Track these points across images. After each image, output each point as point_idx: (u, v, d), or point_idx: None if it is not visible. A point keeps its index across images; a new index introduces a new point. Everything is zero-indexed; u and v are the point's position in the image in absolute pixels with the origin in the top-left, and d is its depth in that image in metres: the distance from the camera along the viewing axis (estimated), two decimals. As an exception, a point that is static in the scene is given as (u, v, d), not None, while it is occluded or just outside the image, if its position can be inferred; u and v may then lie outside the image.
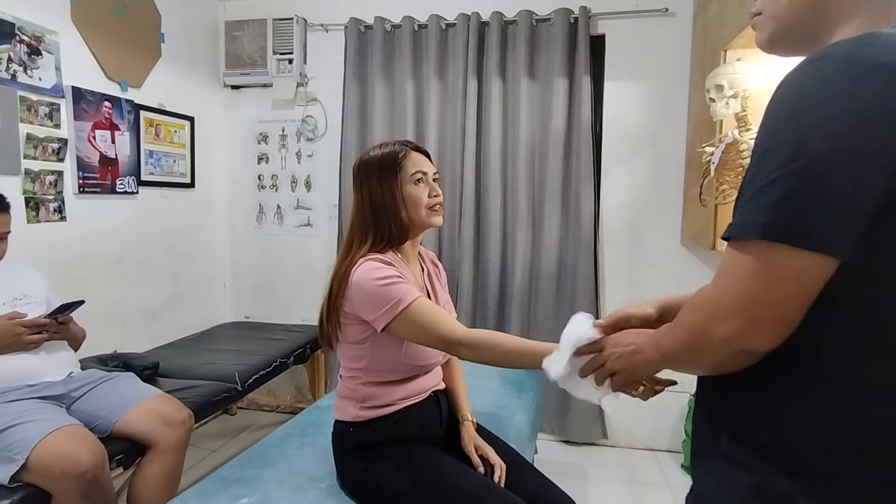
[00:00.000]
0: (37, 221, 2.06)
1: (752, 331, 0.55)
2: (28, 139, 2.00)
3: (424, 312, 1.14)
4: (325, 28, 2.96)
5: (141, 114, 2.52)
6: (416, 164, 1.25)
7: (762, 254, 0.53)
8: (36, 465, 1.36)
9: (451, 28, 2.73)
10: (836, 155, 0.50)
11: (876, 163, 0.50)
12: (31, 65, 2.00)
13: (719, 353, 0.58)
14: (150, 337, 2.60)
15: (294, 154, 3.09)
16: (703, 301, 0.59)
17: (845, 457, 0.55)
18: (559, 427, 2.68)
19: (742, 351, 0.57)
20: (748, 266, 0.54)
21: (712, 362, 0.61)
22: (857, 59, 0.51)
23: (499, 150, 2.71)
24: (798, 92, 0.54)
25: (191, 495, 1.24)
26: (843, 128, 0.50)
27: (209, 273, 3.09)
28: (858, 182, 0.50)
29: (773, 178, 0.52)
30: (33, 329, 1.60)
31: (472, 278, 2.77)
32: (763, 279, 0.53)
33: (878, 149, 0.50)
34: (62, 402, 1.61)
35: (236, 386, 2.11)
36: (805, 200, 0.51)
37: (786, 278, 0.52)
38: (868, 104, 0.50)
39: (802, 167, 0.51)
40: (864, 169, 0.50)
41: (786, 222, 0.52)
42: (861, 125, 0.50)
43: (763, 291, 0.53)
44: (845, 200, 0.51)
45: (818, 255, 0.51)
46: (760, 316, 0.54)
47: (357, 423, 1.25)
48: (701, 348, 0.60)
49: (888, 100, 0.49)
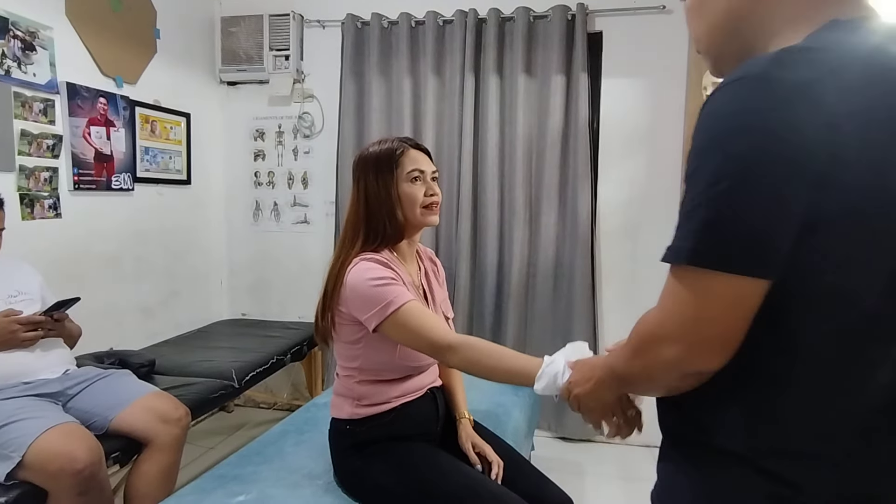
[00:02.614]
0: (32, 218, 2.05)
1: (697, 353, 0.56)
2: (22, 135, 1.99)
3: (415, 316, 1.13)
4: (322, 24, 2.95)
5: (136, 110, 2.51)
6: (414, 161, 1.24)
7: (695, 279, 0.54)
8: (32, 462, 1.35)
9: (449, 25, 2.73)
10: (759, 176, 0.50)
11: (795, 182, 0.50)
12: (25, 60, 1.99)
13: (669, 376, 0.60)
14: (146, 334, 2.59)
15: (291, 151, 3.09)
16: (649, 326, 0.60)
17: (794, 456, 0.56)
18: (556, 424, 2.69)
19: (690, 373, 0.58)
20: (684, 290, 0.55)
21: (666, 384, 0.62)
22: (770, 80, 0.51)
23: (496, 147, 2.70)
24: (716, 115, 0.54)
25: (188, 493, 1.24)
26: (761, 149, 0.50)
27: (205, 270, 3.08)
28: (779, 202, 0.50)
29: (697, 203, 0.53)
30: (29, 326, 1.59)
31: (469, 276, 2.77)
32: (700, 303, 0.54)
33: (795, 168, 0.50)
34: (58, 399, 1.61)
35: (233, 383, 2.11)
36: (727, 225, 0.52)
37: (720, 301, 0.53)
38: (783, 124, 0.50)
39: (723, 191, 0.51)
40: (783, 189, 0.50)
41: (710, 248, 0.52)
42: (777, 146, 0.50)
43: (702, 315, 0.54)
44: (767, 222, 0.51)
45: (748, 278, 0.52)
46: (703, 338, 0.55)
47: (353, 421, 1.25)
48: (652, 371, 0.61)
49: (801, 119, 0.49)
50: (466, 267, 2.76)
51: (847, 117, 0.49)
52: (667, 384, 0.62)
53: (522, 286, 2.71)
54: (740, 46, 0.62)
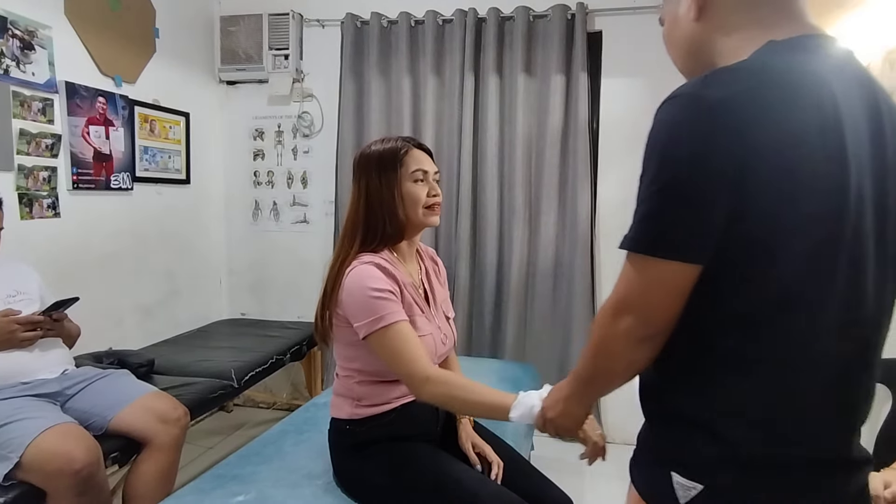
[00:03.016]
0: (30, 218, 2.04)
1: (644, 322, 0.67)
2: (21, 135, 1.98)
3: (401, 339, 1.12)
4: (322, 23, 2.95)
5: (135, 109, 2.51)
6: (418, 161, 1.23)
7: (639, 262, 0.65)
8: (30, 462, 1.35)
9: (448, 24, 2.72)
10: (684, 179, 0.61)
11: (717, 184, 0.59)
12: (23, 60, 1.99)
13: (625, 346, 0.69)
14: (145, 334, 2.59)
15: (290, 150, 3.08)
16: (607, 303, 0.70)
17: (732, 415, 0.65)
18: (555, 424, 2.69)
19: (641, 339, 0.68)
20: (632, 271, 0.67)
21: (623, 357, 0.71)
22: (695, 99, 0.61)
23: (496, 146, 2.70)
24: (657, 127, 0.64)
25: (187, 493, 1.24)
26: (687, 156, 0.60)
27: (205, 270, 3.08)
28: (705, 200, 0.60)
29: (642, 199, 0.65)
30: (27, 326, 1.58)
31: (468, 275, 2.77)
32: (642, 281, 0.66)
33: (717, 172, 0.59)
34: (57, 399, 1.60)
35: (232, 383, 2.11)
36: (660, 219, 0.63)
37: (658, 281, 0.64)
38: (706, 136, 0.59)
39: (659, 190, 0.62)
40: (708, 189, 0.60)
41: (650, 238, 0.64)
42: (701, 154, 0.59)
43: (645, 290, 0.66)
44: (695, 217, 0.61)
45: (678, 262, 0.62)
46: (648, 310, 0.66)
47: (353, 421, 1.24)
48: (610, 346, 0.71)
49: (720, 131, 0.58)
50: (466, 266, 2.75)
51: (760, 128, 0.58)
52: (624, 356, 0.70)
53: (522, 286, 2.70)
54: (704, 67, 0.70)
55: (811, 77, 0.61)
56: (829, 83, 0.61)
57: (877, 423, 1.56)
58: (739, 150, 0.58)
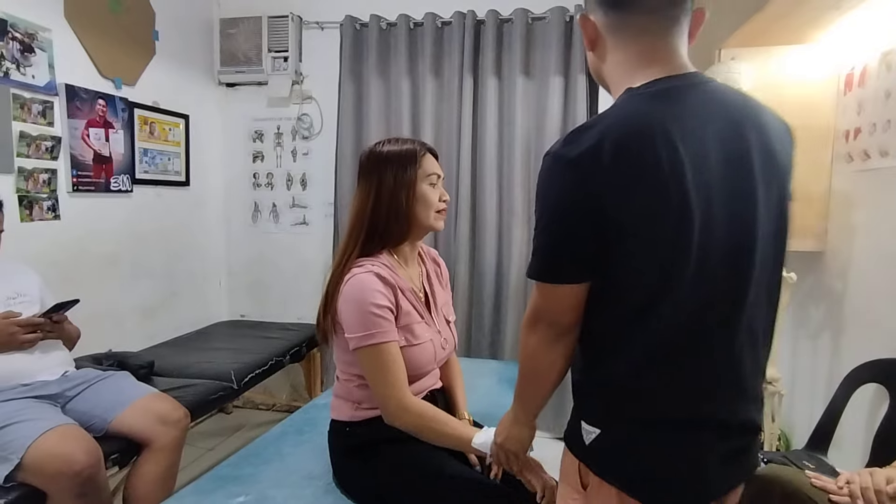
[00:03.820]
0: (30, 220, 2.04)
1: (554, 327, 0.83)
2: (21, 137, 1.99)
3: (388, 360, 1.14)
4: (321, 26, 2.95)
5: (135, 112, 2.51)
6: (433, 165, 1.26)
7: (541, 286, 0.81)
8: (31, 464, 1.35)
9: (447, 26, 2.73)
10: (558, 220, 0.77)
11: (583, 221, 0.74)
12: (23, 62, 1.99)
13: (544, 347, 0.85)
14: (145, 336, 2.59)
15: (289, 152, 3.09)
16: (524, 319, 0.87)
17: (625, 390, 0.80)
18: (554, 425, 2.69)
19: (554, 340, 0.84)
20: (538, 292, 0.83)
21: (545, 358, 0.86)
22: (558, 157, 0.76)
23: (495, 148, 2.71)
24: (539, 179, 0.80)
25: (187, 494, 1.24)
26: (555, 202, 0.77)
27: (204, 272, 3.08)
28: (577, 235, 0.75)
29: (534, 236, 0.80)
30: (28, 328, 1.59)
31: (468, 276, 2.77)
32: (547, 300, 0.82)
33: (580, 212, 0.74)
34: (57, 401, 1.60)
35: (232, 384, 2.11)
36: (549, 252, 0.79)
37: (557, 298, 0.80)
38: (565, 185, 0.75)
39: (544, 229, 0.79)
40: (577, 226, 0.75)
41: (544, 268, 0.80)
42: (564, 199, 0.76)
43: (550, 307, 0.82)
44: (572, 249, 0.76)
45: (567, 285, 0.79)
46: (554, 317, 0.82)
47: (353, 423, 1.25)
48: (532, 350, 0.86)
49: (574, 180, 0.74)
50: (465, 268, 2.76)
51: (607, 174, 0.72)
52: (546, 356, 0.86)
53: (521, 286, 2.71)
54: (608, 82, 0.87)
55: (657, 122, 0.73)
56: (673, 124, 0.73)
57: (874, 423, 1.56)
58: (595, 193, 0.73)
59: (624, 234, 0.74)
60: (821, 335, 2.11)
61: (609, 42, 0.83)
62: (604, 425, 0.81)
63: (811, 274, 2.19)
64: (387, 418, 1.17)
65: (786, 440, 2.25)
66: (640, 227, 0.73)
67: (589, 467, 0.83)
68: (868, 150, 1.80)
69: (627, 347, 0.78)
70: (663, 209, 0.72)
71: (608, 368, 0.81)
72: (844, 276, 1.96)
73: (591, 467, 0.83)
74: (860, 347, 1.83)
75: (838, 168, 2.03)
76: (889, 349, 1.63)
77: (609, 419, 0.81)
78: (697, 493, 0.80)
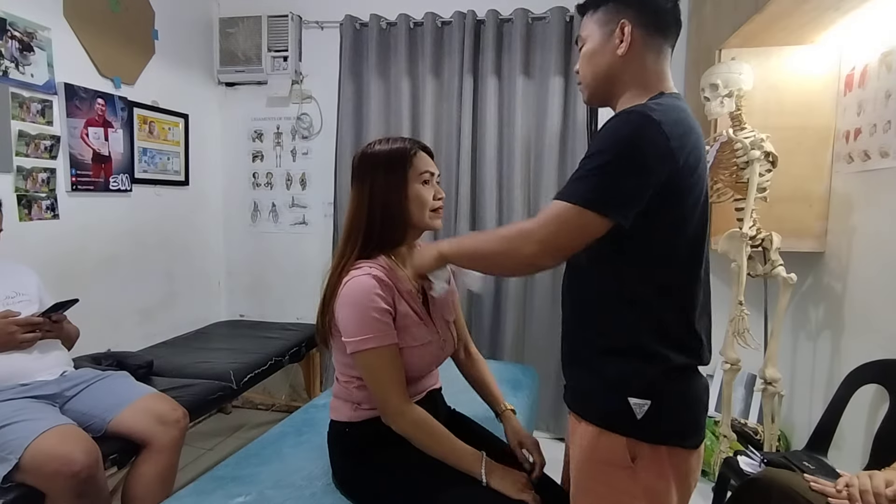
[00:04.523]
0: (29, 219, 2.04)
1: (543, 255, 0.91)
2: (20, 136, 1.98)
3: (387, 363, 1.14)
4: (321, 25, 2.95)
5: (134, 111, 2.51)
6: (426, 163, 1.23)
7: (573, 212, 0.86)
8: (29, 464, 1.35)
9: (447, 26, 2.73)
10: (628, 158, 0.85)
11: (650, 173, 0.85)
12: (22, 61, 1.99)
13: (520, 264, 0.96)
14: (143, 335, 2.59)
15: (289, 152, 3.09)
16: (526, 225, 0.92)
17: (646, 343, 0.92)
18: (554, 425, 2.69)
19: (537, 266, 0.95)
20: (561, 217, 0.88)
21: (511, 269, 1.05)
22: (642, 115, 0.86)
23: (494, 148, 2.71)
24: (614, 128, 0.88)
25: (186, 494, 1.24)
26: (630, 146, 0.85)
27: (203, 271, 3.08)
28: (642, 181, 0.85)
29: (593, 172, 0.87)
30: (26, 328, 1.58)
31: (467, 276, 2.77)
32: (564, 227, 0.88)
33: (653, 163, 0.85)
34: (55, 401, 1.60)
35: (231, 384, 2.11)
36: (605, 183, 0.86)
37: (582, 226, 0.87)
38: (645, 139, 0.85)
39: (605, 164, 0.86)
40: (642, 174, 0.85)
41: (592, 196, 0.86)
42: (640, 150, 0.85)
43: (560, 233, 0.89)
44: (632, 189, 0.85)
45: (604, 217, 0.85)
46: (553, 247, 0.90)
47: (353, 424, 1.24)
48: (509, 258, 0.95)
49: (658, 136, 0.85)
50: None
51: (676, 139, 0.86)
52: (511, 269, 1.04)
53: (521, 286, 2.71)
54: (605, 92, 1.01)
55: (688, 113, 0.93)
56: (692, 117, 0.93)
57: (874, 423, 1.56)
58: (668, 150, 0.85)
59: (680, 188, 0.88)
60: (821, 336, 2.11)
61: (641, 52, 0.96)
62: (653, 394, 0.90)
63: (811, 274, 2.19)
64: (387, 422, 1.18)
65: (785, 441, 2.25)
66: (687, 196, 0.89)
67: (642, 440, 0.91)
68: (868, 151, 1.80)
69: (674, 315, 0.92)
70: (702, 174, 0.92)
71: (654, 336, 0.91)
72: (844, 276, 1.96)
73: (646, 438, 0.91)
74: (860, 348, 1.83)
75: (838, 169, 2.03)
76: (889, 350, 1.63)
77: (657, 387, 0.90)
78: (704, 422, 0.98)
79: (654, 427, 0.90)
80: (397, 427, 1.16)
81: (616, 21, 0.96)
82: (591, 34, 1.00)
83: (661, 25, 0.97)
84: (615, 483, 0.93)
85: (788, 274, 1.91)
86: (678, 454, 0.92)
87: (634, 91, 0.96)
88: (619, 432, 0.91)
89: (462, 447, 1.16)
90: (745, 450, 1.66)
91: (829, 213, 2.07)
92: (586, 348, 0.98)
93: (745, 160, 1.87)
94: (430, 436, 1.16)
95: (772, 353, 1.93)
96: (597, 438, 0.94)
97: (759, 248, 1.96)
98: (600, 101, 1.03)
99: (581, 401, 0.99)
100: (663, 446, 0.91)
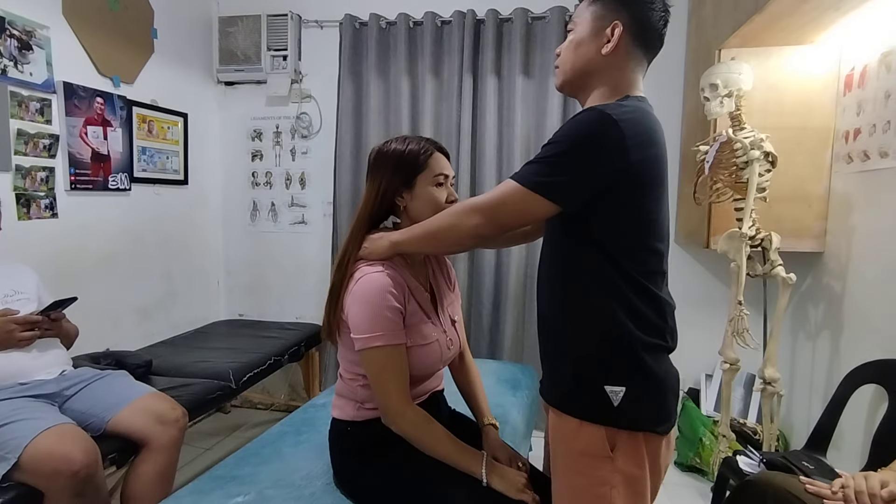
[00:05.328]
0: (28, 218, 2.04)
1: (486, 227, 0.99)
2: (19, 135, 1.98)
3: (394, 363, 1.13)
4: (320, 24, 2.95)
5: (133, 110, 2.50)
6: (441, 165, 1.22)
7: (522, 194, 0.94)
8: (28, 463, 1.35)
9: (447, 25, 2.73)
10: (583, 150, 0.91)
11: (601, 166, 0.91)
12: (21, 60, 1.98)
13: (465, 236, 1.02)
14: (142, 335, 2.59)
15: (288, 151, 3.08)
16: (474, 202, 1.01)
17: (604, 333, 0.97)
18: (553, 424, 2.69)
19: (481, 236, 1.01)
20: (509, 196, 0.96)
21: (456, 240, 1.06)
22: (604, 113, 0.91)
23: (494, 147, 2.71)
24: (577, 122, 0.93)
25: (185, 494, 1.24)
26: (587, 140, 0.91)
27: (203, 270, 3.07)
28: (587, 174, 0.91)
29: (544, 156, 0.94)
30: (25, 326, 1.58)
31: (467, 276, 2.77)
32: (511, 205, 0.96)
33: (604, 159, 0.90)
34: (54, 400, 1.60)
35: (230, 384, 2.10)
36: (556, 170, 0.92)
37: (527, 208, 0.95)
38: (601, 135, 0.90)
39: (561, 153, 0.92)
40: (592, 167, 0.91)
41: (543, 181, 0.93)
42: (595, 145, 0.90)
43: (506, 210, 0.97)
44: (577, 180, 0.92)
45: (549, 202, 0.93)
46: (496, 222, 0.99)
47: (355, 423, 1.24)
48: (455, 229, 1.03)
49: (613, 135, 0.89)
50: (464, 268, 2.76)
51: (632, 137, 0.90)
52: (457, 240, 1.05)
53: (521, 286, 2.71)
54: (579, 84, 1.05)
55: (649, 114, 0.99)
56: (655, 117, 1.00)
57: (873, 423, 1.57)
58: (623, 147, 0.90)
59: (639, 189, 0.93)
60: (820, 336, 2.12)
61: (623, 57, 1.01)
62: (626, 379, 0.94)
63: (810, 275, 2.20)
64: (388, 423, 1.17)
65: (785, 440, 2.25)
66: (649, 187, 0.95)
67: (620, 427, 0.94)
68: (868, 151, 1.80)
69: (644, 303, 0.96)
70: (661, 180, 0.98)
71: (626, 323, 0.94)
72: (843, 276, 1.97)
73: (623, 425, 0.94)
74: (859, 348, 1.83)
75: (838, 169, 2.03)
76: (888, 350, 1.64)
77: (629, 371, 0.95)
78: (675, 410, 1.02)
79: (630, 414, 0.94)
80: (397, 428, 1.15)
81: (610, 20, 0.99)
82: (583, 24, 1.03)
83: (648, 41, 1.01)
84: (595, 473, 0.96)
85: (788, 274, 1.91)
86: (652, 440, 0.96)
87: (605, 90, 1.01)
88: (598, 422, 0.95)
89: (462, 447, 1.16)
90: (745, 450, 1.66)
91: (829, 214, 2.07)
92: (559, 339, 1.02)
93: (745, 160, 1.87)
94: (430, 436, 1.16)
95: (771, 353, 1.93)
96: (577, 431, 0.97)
97: (758, 248, 1.97)
98: (571, 91, 1.07)
99: (559, 395, 1.02)
100: (640, 433, 0.95)
